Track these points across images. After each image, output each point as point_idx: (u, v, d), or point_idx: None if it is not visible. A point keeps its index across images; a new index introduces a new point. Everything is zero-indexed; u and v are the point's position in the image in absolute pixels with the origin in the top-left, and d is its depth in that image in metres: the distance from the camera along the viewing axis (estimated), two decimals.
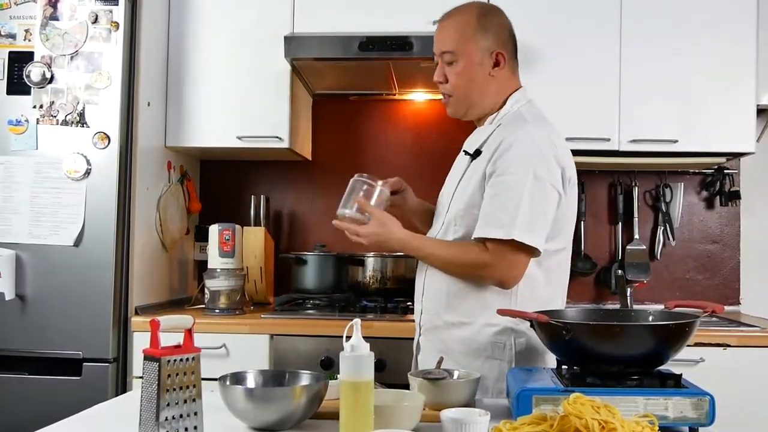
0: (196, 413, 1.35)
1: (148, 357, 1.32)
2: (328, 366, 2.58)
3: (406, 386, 1.62)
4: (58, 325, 2.59)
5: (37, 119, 2.65)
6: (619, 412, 1.22)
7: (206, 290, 2.83)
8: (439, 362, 1.73)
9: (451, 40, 1.93)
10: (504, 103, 1.97)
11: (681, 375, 1.50)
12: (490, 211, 1.81)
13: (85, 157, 2.63)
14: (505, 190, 1.80)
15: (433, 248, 1.90)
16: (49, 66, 2.65)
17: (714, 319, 2.83)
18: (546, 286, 1.90)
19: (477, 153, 1.92)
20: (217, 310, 2.79)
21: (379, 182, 1.98)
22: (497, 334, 1.87)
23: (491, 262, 1.80)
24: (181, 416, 1.32)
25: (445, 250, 1.89)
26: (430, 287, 1.96)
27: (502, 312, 1.70)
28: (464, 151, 1.99)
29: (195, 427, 1.35)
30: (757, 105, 2.89)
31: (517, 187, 1.79)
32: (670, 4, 2.90)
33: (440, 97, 2.02)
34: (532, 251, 1.80)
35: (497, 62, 1.93)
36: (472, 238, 1.83)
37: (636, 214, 3.26)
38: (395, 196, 2.08)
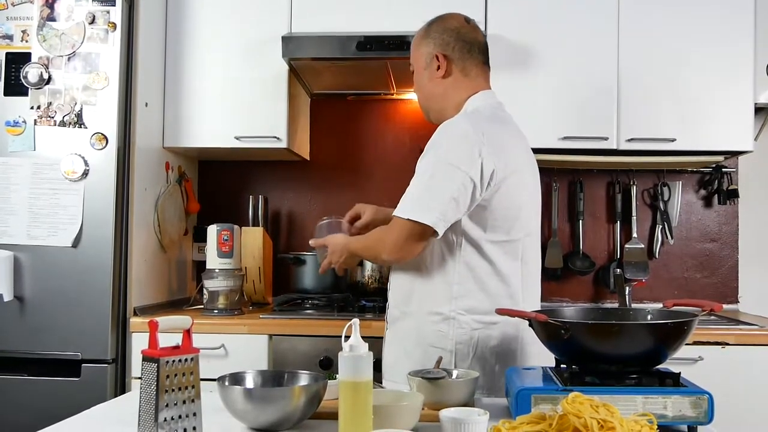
0: (195, 414, 1.35)
1: (146, 358, 1.32)
2: (327, 366, 2.58)
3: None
4: (57, 326, 2.59)
5: (35, 120, 2.65)
6: (618, 411, 1.22)
7: (205, 291, 2.83)
8: (438, 362, 1.73)
9: (411, 53, 2.07)
10: (464, 104, 2.00)
11: (680, 374, 1.50)
12: (405, 196, 1.88)
13: (83, 158, 2.63)
14: (417, 173, 1.87)
15: (356, 244, 2.02)
16: (47, 67, 2.65)
17: (712, 317, 2.83)
18: (493, 276, 1.89)
19: None
20: (215, 311, 2.79)
21: (337, 218, 2.26)
22: (439, 323, 1.90)
23: (382, 238, 1.90)
24: (180, 417, 1.33)
25: (364, 239, 2.02)
26: (395, 281, 2.02)
27: (500, 311, 1.70)
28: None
29: (194, 428, 1.35)
30: (755, 103, 2.90)
31: (425, 169, 1.85)
32: (668, 3, 2.90)
33: None
34: (427, 229, 1.81)
35: (440, 66, 1.99)
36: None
37: (634, 213, 3.27)
38: (358, 222, 2.23)
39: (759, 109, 3.06)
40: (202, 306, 2.87)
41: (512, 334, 1.90)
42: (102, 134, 2.64)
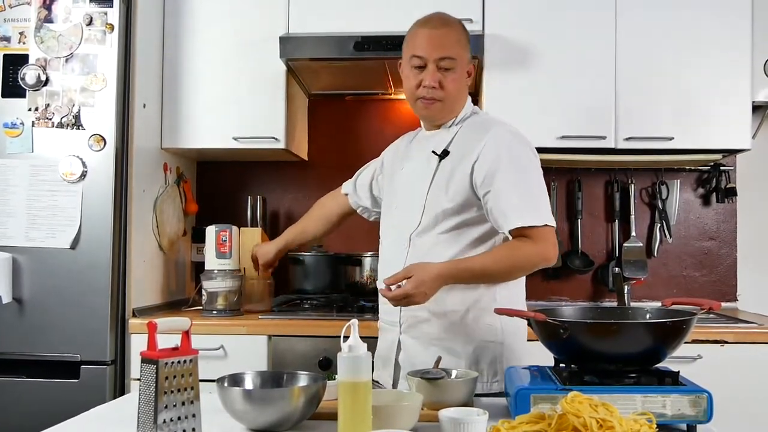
0: (194, 415, 1.35)
1: (145, 359, 1.32)
2: (326, 366, 2.58)
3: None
4: (56, 327, 2.59)
5: (33, 122, 2.65)
6: (617, 410, 1.23)
7: (203, 292, 2.83)
8: (437, 362, 1.73)
9: (453, 48, 1.99)
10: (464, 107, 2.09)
11: (678, 372, 1.50)
12: (514, 204, 1.88)
13: (81, 159, 2.63)
14: (516, 183, 1.90)
15: (484, 263, 1.91)
16: (44, 68, 2.65)
17: (711, 316, 2.83)
18: None
19: (445, 153, 2.00)
20: (214, 312, 2.78)
21: None
22: (486, 317, 1.92)
23: (541, 249, 1.88)
24: (179, 418, 1.33)
25: (498, 258, 1.91)
26: None
27: (499, 311, 1.71)
28: (433, 151, 2.02)
29: (193, 429, 1.35)
30: (753, 101, 2.90)
31: (525, 178, 1.92)
32: (665, 2, 2.90)
33: None
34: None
35: (469, 73, 2.06)
36: (508, 229, 1.88)
37: (633, 212, 3.27)
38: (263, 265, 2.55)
39: (757, 107, 3.06)
40: (201, 307, 2.86)
41: None
42: (100, 135, 2.64)
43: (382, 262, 2.09)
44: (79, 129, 2.65)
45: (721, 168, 3.23)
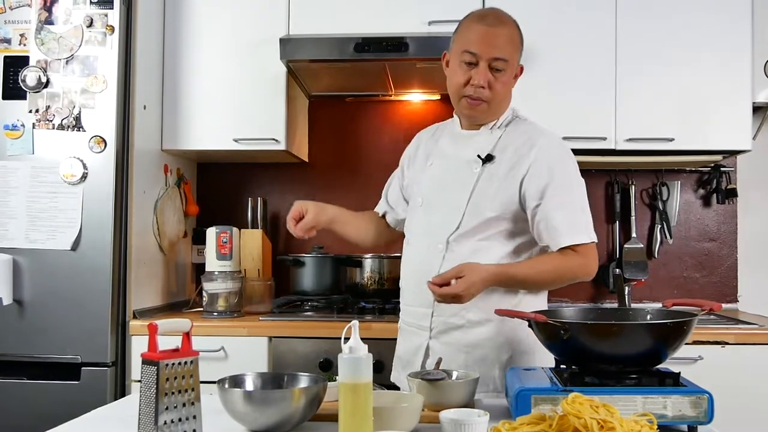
0: (194, 416, 1.36)
1: (146, 361, 1.32)
2: (327, 368, 2.58)
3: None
4: (57, 329, 2.59)
5: (33, 124, 2.65)
6: (618, 411, 1.23)
7: (204, 293, 2.83)
8: (438, 363, 1.73)
9: (507, 49, 1.95)
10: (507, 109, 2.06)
11: (679, 373, 1.50)
12: (566, 221, 1.89)
13: (82, 161, 2.63)
14: (568, 200, 1.92)
15: (529, 272, 1.91)
16: (45, 70, 2.65)
17: (712, 317, 2.83)
18: None
19: (489, 157, 1.95)
20: (215, 313, 2.78)
21: None
22: (518, 329, 1.88)
23: (586, 263, 1.92)
24: (180, 420, 1.33)
25: (544, 269, 1.92)
26: None
27: (500, 312, 1.70)
28: (478, 156, 1.96)
29: (194, 431, 1.35)
30: (753, 102, 2.90)
31: (575, 194, 1.94)
32: (666, 3, 2.90)
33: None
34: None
35: (517, 75, 2.03)
36: (557, 247, 1.89)
37: (633, 213, 3.27)
38: (303, 222, 2.20)
39: (757, 108, 3.06)
40: (202, 308, 2.86)
41: None
42: (100, 137, 2.64)
43: (410, 261, 2.03)
44: (79, 131, 2.65)
45: (722, 169, 3.23)
